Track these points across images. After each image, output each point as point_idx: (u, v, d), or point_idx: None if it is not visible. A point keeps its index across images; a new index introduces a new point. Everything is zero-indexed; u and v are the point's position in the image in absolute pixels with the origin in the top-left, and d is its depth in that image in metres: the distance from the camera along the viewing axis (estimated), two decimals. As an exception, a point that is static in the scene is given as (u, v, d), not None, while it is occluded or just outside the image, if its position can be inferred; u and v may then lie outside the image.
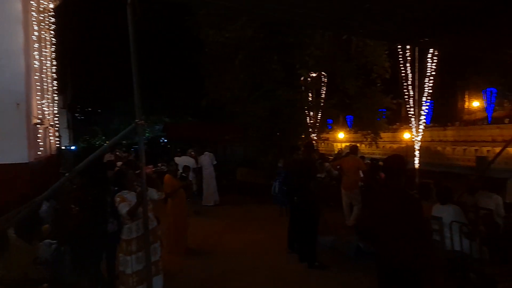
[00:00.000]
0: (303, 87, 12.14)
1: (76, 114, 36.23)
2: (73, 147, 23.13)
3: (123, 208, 4.02)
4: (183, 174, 6.75)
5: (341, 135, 32.98)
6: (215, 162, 10.84)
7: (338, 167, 8.64)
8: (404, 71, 9.03)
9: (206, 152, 10.75)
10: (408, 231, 2.86)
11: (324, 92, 12.97)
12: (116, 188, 4.39)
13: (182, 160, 9.49)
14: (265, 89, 10.87)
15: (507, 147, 7.24)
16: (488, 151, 20.08)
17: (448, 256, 4.43)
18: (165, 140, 30.45)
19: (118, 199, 4.11)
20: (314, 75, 11.68)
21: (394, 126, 30.06)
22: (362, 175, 8.31)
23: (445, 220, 4.39)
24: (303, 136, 12.90)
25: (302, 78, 11.62)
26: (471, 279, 4.42)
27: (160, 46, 31.75)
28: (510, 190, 4.63)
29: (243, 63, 10.59)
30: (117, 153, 9.34)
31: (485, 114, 29.26)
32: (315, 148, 13.65)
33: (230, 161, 14.53)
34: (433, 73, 8.83)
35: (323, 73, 12.03)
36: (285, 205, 6.59)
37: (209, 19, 10.75)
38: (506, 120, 22.36)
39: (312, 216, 5.86)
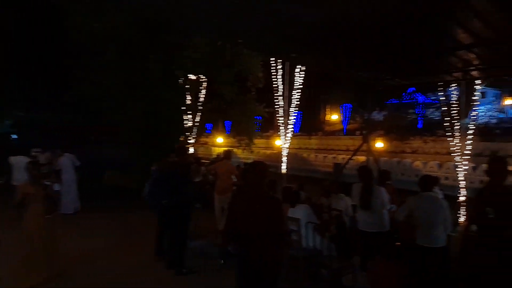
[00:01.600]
0: (182, 89, 11.91)
1: None
2: None
3: None
4: (46, 182, 5.45)
5: (220, 139, 33.66)
6: (78, 164, 9.74)
7: (213, 172, 8.73)
8: (275, 82, 9.65)
9: (67, 153, 9.56)
10: (269, 231, 2.99)
11: (203, 96, 12.98)
12: None
13: (18, 161, 8.24)
14: (141, 88, 10.26)
15: (355, 155, 8.41)
16: (343, 158, 23.22)
17: (304, 254, 4.84)
18: (17, 137, 26.12)
19: None
20: (193, 77, 11.57)
21: (268, 133, 32.25)
22: (235, 180, 8.55)
23: (300, 220, 4.79)
24: (181, 138, 12.65)
25: (181, 80, 11.39)
26: (322, 274, 4.93)
27: (17, 30, 27.10)
28: (355, 193, 5.29)
29: (116, 58, 9.80)
30: None
31: (342, 126, 34.03)
32: (192, 151, 13.54)
33: (97, 163, 13.26)
34: (301, 86, 9.66)
35: (202, 76, 12.01)
36: (155, 209, 6.28)
37: (78, 5, 9.63)
38: (357, 132, 26.16)
39: (182, 220, 5.73)
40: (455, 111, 8.31)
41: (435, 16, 3.31)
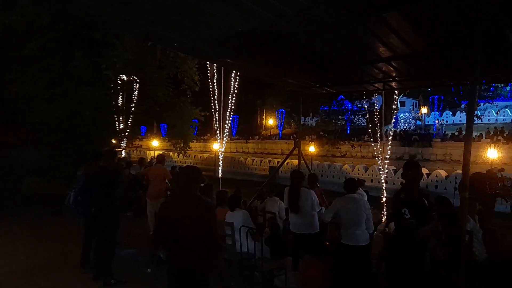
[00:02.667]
0: (112, 90, 11.31)
1: None
2: None
3: None
4: None
5: (155, 143, 32.64)
6: (-9, 170, 8.79)
7: (145, 177, 8.46)
8: (211, 86, 9.64)
9: (-22, 157, 8.58)
10: (200, 235, 2.97)
11: (136, 97, 12.50)
12: None
13: None
14: (65, 87, 9.53)
15: (287, 159, 8.71)
16: (278, 162, 23.86)
17: (238, 258, 4.88)
18: None
19: None
20: (124, 78, 11.06)
21: (205, 137, 32.01)
22: (169, 184, 8.35)
23: (236, 224, 4.82)
24: (114, 141, 12.01)
25: (112, 80, 10.82)
26: (256, 277, 5.00)
27: None
28: (286, 196, 5.44)
29: (36, 54, 8.99)
30: None
31: (278, 131, 35.05)
32: (124, 155, 12.93)
33: (15, 168, 12.03)
34: (236, 91, 9.78)
35: (135, 77, 11.55)
36: (81, 217, 5.88)
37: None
38: (292, 137, 27.09)
39: (109, 228, 5.44)
40: (377, 118, 9.03)
41: (355, 31, 3.58)
